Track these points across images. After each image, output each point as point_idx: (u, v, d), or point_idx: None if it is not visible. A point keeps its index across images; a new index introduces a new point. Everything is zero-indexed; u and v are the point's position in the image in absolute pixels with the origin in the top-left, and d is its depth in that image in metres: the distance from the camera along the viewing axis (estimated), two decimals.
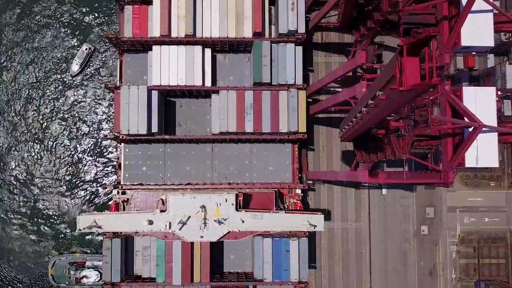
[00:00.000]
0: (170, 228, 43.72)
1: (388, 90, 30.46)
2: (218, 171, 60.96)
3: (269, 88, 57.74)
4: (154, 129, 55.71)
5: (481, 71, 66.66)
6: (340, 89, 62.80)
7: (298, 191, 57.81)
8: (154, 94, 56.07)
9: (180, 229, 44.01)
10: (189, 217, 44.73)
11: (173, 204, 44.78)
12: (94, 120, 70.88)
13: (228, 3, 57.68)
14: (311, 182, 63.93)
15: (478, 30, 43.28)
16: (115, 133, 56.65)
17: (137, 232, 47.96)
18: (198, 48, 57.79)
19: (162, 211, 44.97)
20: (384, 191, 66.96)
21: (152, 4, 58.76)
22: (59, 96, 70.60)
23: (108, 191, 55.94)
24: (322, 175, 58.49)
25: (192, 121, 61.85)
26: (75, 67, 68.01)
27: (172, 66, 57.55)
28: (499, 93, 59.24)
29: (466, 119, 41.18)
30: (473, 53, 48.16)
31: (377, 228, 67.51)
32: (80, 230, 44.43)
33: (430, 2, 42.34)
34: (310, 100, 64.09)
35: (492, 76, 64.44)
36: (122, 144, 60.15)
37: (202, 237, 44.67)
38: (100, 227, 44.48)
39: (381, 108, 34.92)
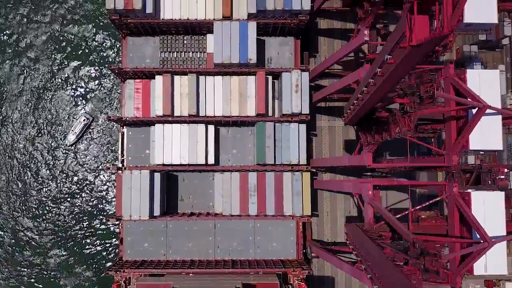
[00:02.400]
0: None
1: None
2: (221, 247, 60.09)
3: (273, 169, 57.10)
4: (156, 213, 55.00)
5: None
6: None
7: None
8: (157, 176, 55.30)
9: None
10: None
11: None
12: (93, 195, 69.48)
13: (231, 82, 56.97)
14: (315, 255, 63.12)
15: (486, 134, 42.74)
16: (116, 217, 55.95)
17: None
18: (201, 127, 57.09)
19: None
20: None
21: (154, 78, 58.20)
22: (56, 166, 69.51)
23: (110, 276, 55.10)
24: (327, 257, 57.65)
25: (195, 196, 61.01)
26: (71, 137, 67.12)
27: (175, 145, 56.84)
28: (505, 170, 58.90)
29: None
30: (481, 152, 47.85)
31: None
32: None
33: (442, 109, 41.99)
34: (314, 170, 63.48)
35: None
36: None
37: None
38: None
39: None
